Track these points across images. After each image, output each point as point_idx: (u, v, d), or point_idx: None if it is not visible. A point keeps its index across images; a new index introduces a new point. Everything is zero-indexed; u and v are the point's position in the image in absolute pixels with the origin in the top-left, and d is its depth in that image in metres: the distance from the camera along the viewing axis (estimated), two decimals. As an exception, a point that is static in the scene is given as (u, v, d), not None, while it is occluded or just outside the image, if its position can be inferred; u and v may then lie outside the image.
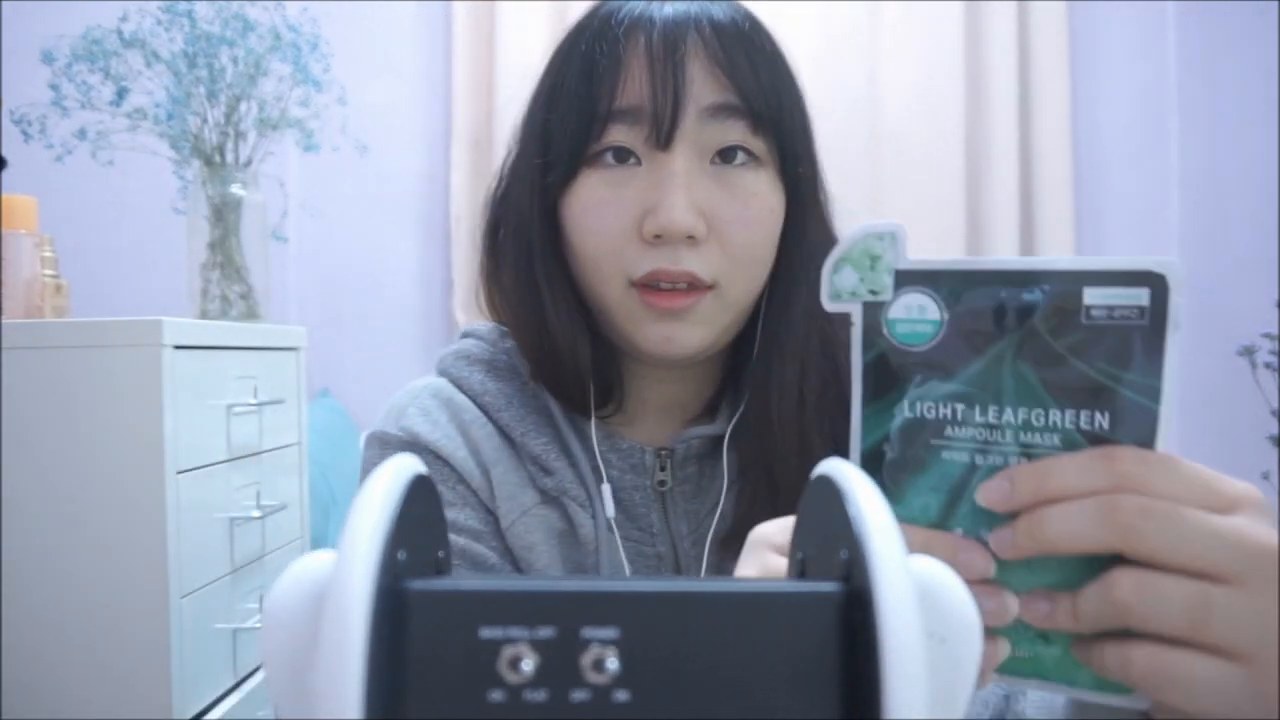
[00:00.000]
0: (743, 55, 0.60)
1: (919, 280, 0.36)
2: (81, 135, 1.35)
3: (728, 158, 0.60)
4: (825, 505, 0.27)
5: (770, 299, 0.65)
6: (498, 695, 0.23)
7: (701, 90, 0.59)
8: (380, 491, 0.25)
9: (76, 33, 1.34)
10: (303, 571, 0.25)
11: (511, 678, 0.23)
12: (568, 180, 0.62)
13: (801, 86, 0.64)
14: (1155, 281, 0.34)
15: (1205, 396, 2.06)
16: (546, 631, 0.23)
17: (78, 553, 1.10)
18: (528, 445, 0.65)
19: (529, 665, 0.23)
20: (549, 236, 0.64)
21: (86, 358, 1.11)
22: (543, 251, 0.64)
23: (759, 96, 0.60)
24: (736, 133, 0.60)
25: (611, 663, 0.23)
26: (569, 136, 0.61)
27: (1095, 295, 0.34)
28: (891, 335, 0.37)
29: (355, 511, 0.24)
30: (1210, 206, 2.24)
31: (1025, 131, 2.25)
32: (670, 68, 0.59)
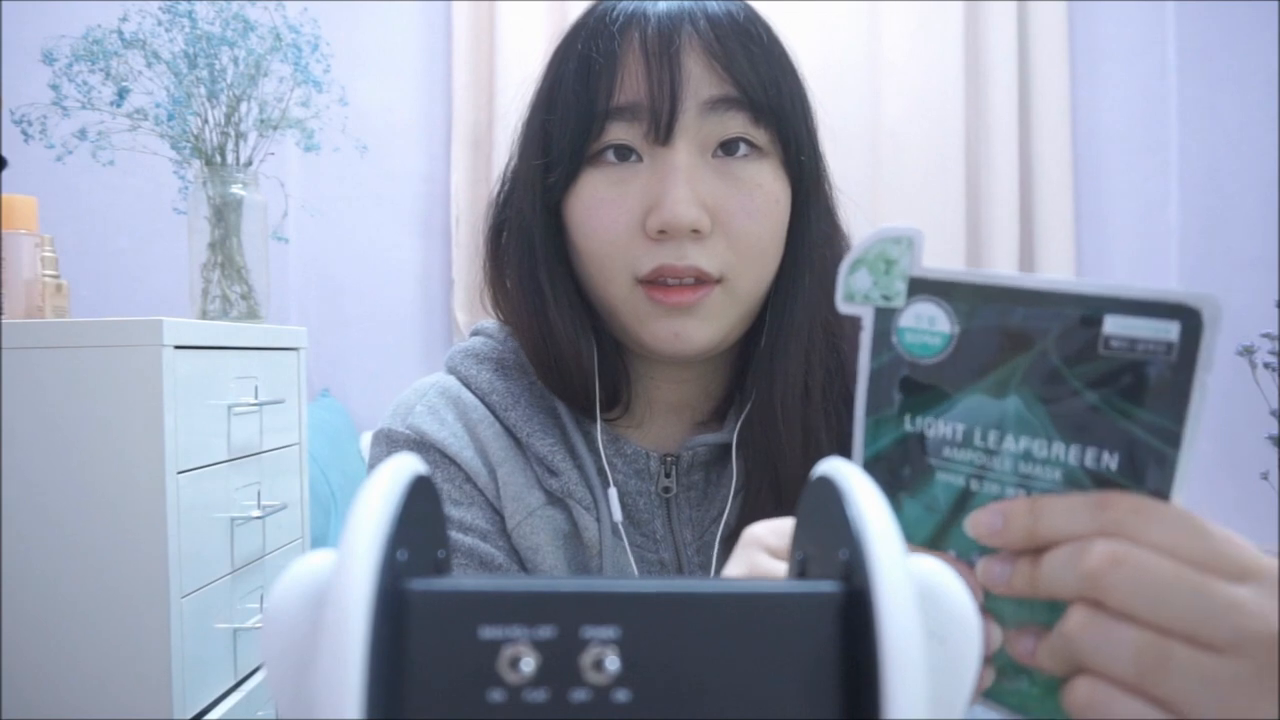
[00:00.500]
0: (739, 47, 0.59)
1: (932, 290, 0.35)
2: (82, 135, 1.35)
3: (730, 150, 0.60)
4: (825, 505, 0.27)
5: (775, 289, 0.64)
6: (498, 695, 0.23)
7: (699, 84, 0.59)
8: (380, 491, 0.25)
9: (77, 33, 1.34)
10: (303, 571, 0.25)
11: (511, 678, 0.23)
12: (569, 180, 0.61)
13: (802, 75, 0.64)
14: (1188, 316, 0.31)
15: (1205, 396, 2.05)
16: (546, 631, 0.23)
17: (78, 553, 1.10)
18: (534, 446, 0.64)
19: (529, 665, 0.23)
20: (552, 238, 0.63)
21: (86, 358, 1.11)
22: (546, 253, 0.63)
23: (758, 87, 0.59)
24: (737, 125, 0.59)
25: (611, 663, 0.23)
26: (569, 136, 0.60)
27: (1117, 324, 0.32)
28: (900, 344, 0.35)
29: (355, 511, 0.24)
30: (1210, 206, 2.24)
31: (1025, 131, 2.25)
32: (666, 62, 0.58)
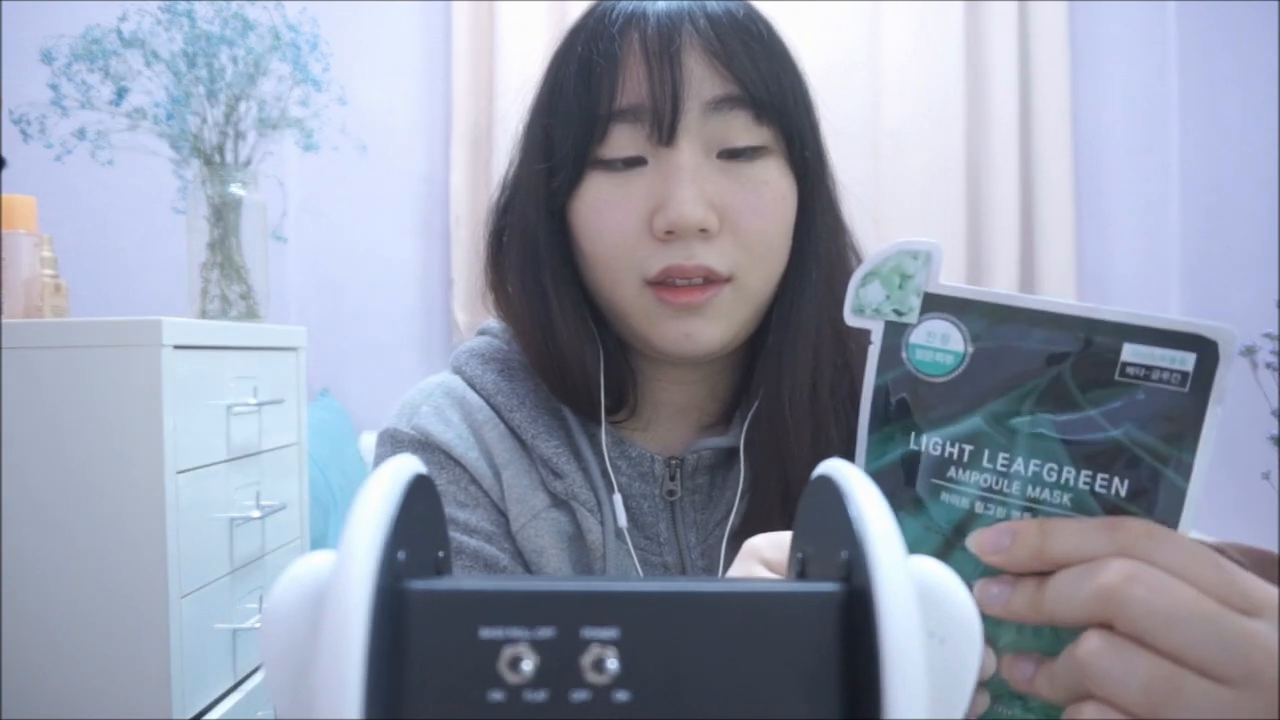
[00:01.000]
0: (740, 45, 0.59)
1: (947, 307, 0.34)
2: (81, 135, 1.35)
3: (735, 155, 0.60)
4: (825, 505, 0.27)
5: (782, 287, 0.64)
6: (498, 695, 0.23)
7: (701, 84, 0.58)
8: (380, 492, 0.25)
9: (76, 32, 1.34)
10: (303, 572, 0.25)
11: (511, 678, 0.23)
12: (573, 184, 0.61)
13: (803, 70, 0.63)
14: (1204, 347, 0.31)
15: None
16: (546, 631, 0.23)
17: (78, 553, 1.10)
18: (539, 448, 0.64)
19: (529, 665, 0.23)
20: (556, 242, 0.63)
21: (86, 358, 1.11)
22: (550, 258, 0.63)
23: (760, 85, 0.59)
24: (740, 123, 0.59)
25: (611, 663, 0.23)
26: (572, 140, 0.60)
27: (1135, 353, 0.32)
28: (910, 360, 0.35)
29: (355, 512, 0.24)
30: (1210, 206, 2.24)
31: (1025, 131, 2.25)
32: (667, 63, 0.58)
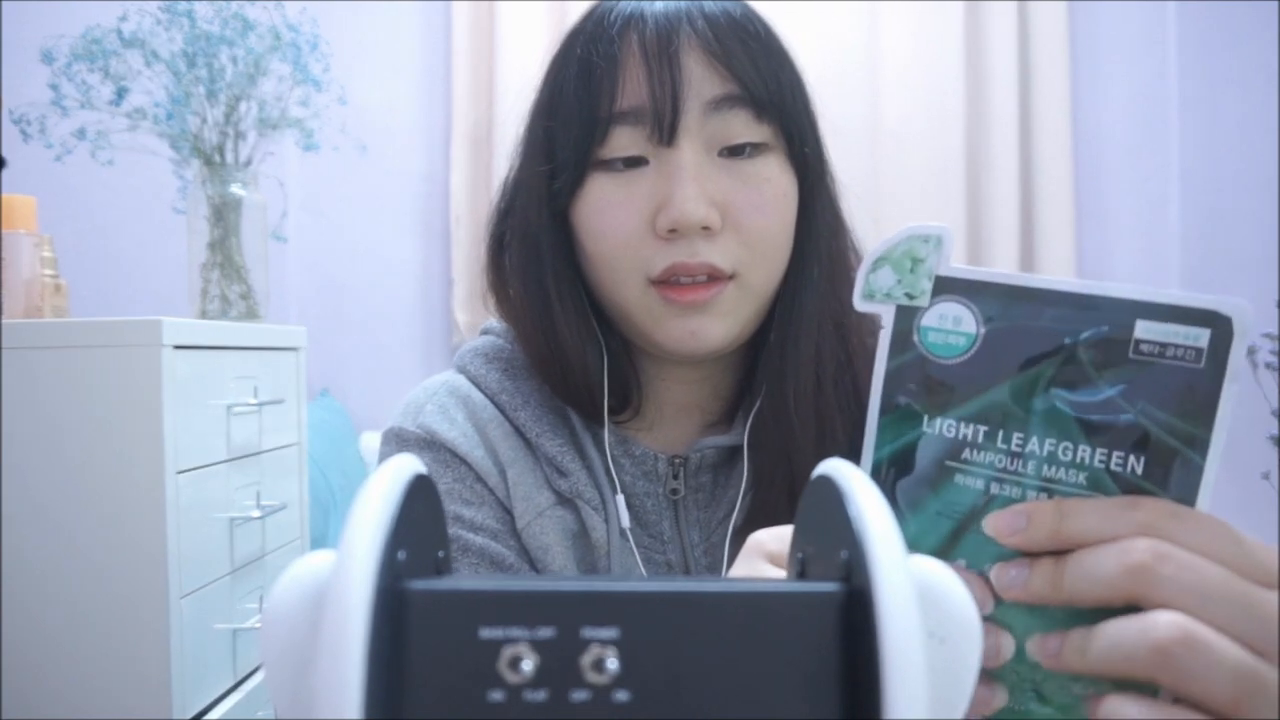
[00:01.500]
0: (738, 44, 0.60)
1: (959, 290, 0.34)
2: (81, 135, 1.35)
3: (736, 153, 0.60)
4: (825, 505, 0.27)
5: (784, 284, 0.64)
6: (498, 695, 0.23)
7: (701, 84, 0.59)
8: (380, 492, 0.25)
9: (76, 32, 1.34)
10: (303, 572, 0.25)
11: (511, 678, 0.23)
12: (575, 186, 0.61)
13: (800, 68, 0.64)
14: (1219, 323, 0.31)
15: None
16: (546, 631, 0.23)
17: (78, 553, 1.10)
18: (543, 446, 0.64)
19: (529, 665, 0.23)
20: (559, 244, 0.63)
21: (86, 358, 1.11)
22: (553, 259, 0.63)
23: (759, 84, 0.59)
24: (740, 122, 0.59)
25: (611, 663, 0.23)
26: (573, 142, 0.60)
27: (1148, 330, 0.32)
28: (922, 344, 0.35)
29: (355, 512, 0.24)
30: (1210, 206, 2.24)
31: (1025, 131, 2.25)
32: (666, 63, 0.58)
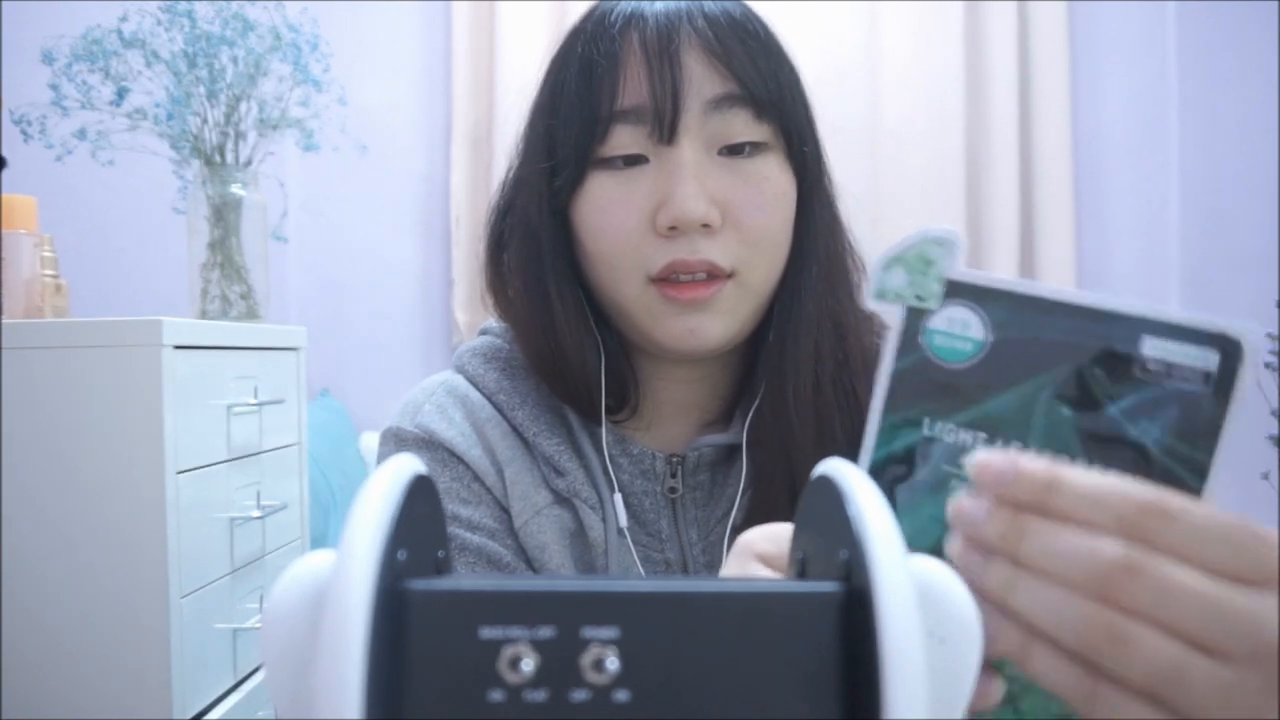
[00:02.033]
0: (738, 44, 0.60)
1: (969, 295, 0.34)
2: (81, 135, 1.34)
3: (735, 152, 0.61)
4: (825, 505, 0.27)
5: (782, 282, 0.64)
6: (498, 695, 0.23)
7: (702, 83, 0.59)
8: (380, 492, 0.25)
9: (76, 33, 1.34)
10: (303, 572, 0.25)
11: (511, 678, 0.23)
12: (576, 184, 0.62)
13: (797, 67, 0.64)
14: (1228, 346, 0.31)
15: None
16: (546, 631, 0.23)
17: (78, 553, 1.10)
18: (540, 446, 0.64)
19: (529, 665, 0.23)
20: (558, 242, 0.63)
21: (86, 358, 1.11)
22: (553, 257, 0.63)
23: (759, 83, 0.60)
24: (740, 121, 0.60)
25: (611, 663, 0.23)
26: (574, 140, 0.61)
27: (1156, 347, 0.32)
28: (929, 346, 0.35)
29: (355, 512, 0.24)
30: (1210, 206, 2.24)
31: (1025, 131, 2.25)
32: (667, 62, 0.59)
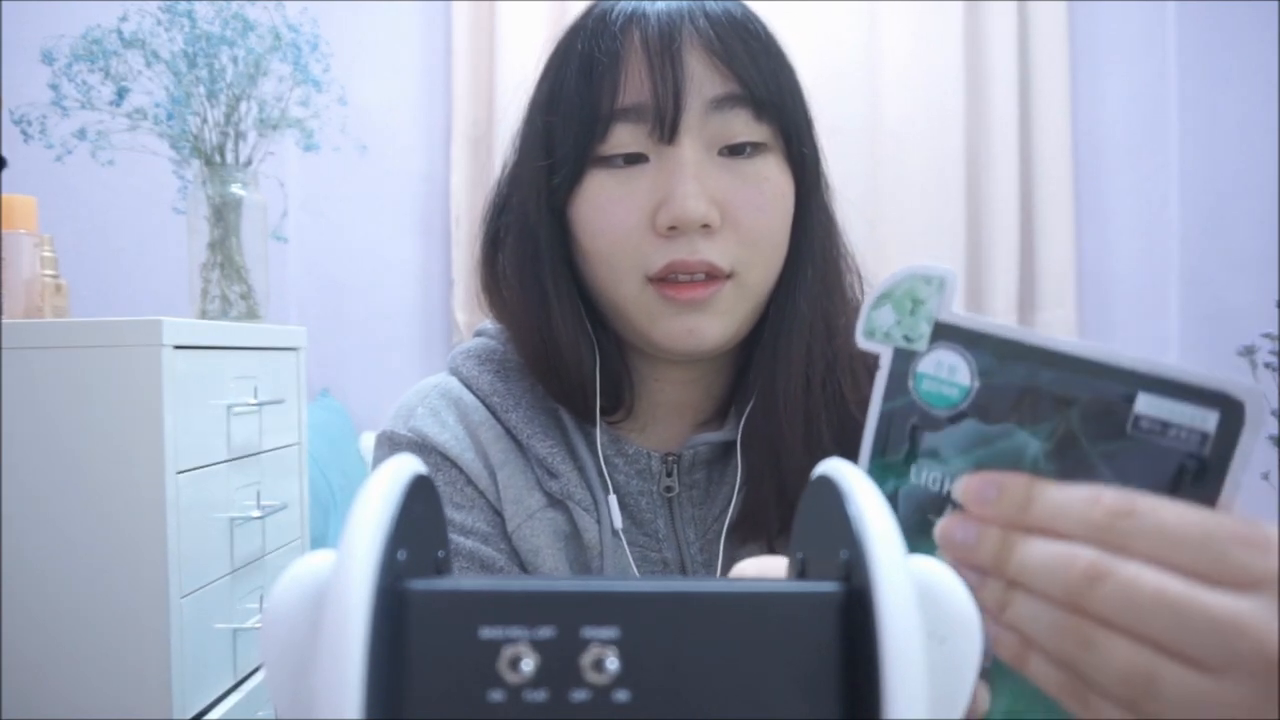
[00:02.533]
0: (739, 44, 0.60)
1: (957, 338, 0.33)
2: (81, 135, 1.34)
3: (736, 152, 0.60)
4: (825, 505, 0.27)
5: (778, 283, 0.64)
6: (498, 695, 0.23)
7: (703, 82, 0.59)
8: (380, 492, 0.25)
9: (76, 33, 1.34)
10: (303, 572, 0.25)
11: (511, 678, 0.23)
12: (574, 182, 0.61)
13: (796, 69, 0.64)
14: (1230, 407, 0.29)
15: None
16: (546, 631, 0.23)
17: (78, 553, 1.10)
18: (534, 448, 0.64)
19: (529, 665, 0.23)
20: (556, 241, 0.63)
21: (86, 358, 1.11)
22: (550, 256, 0.63)
23: (759, 83, 0.60)
24: (741, 121, 0.60)
25: (611, 663, 0.23)
26: (573, 138, 0.60)
27: (1150, 404, 0.30)
28: (915, 390, 0.34)
29: (355, 512, 0.24)
30: (1210, 206, 2.24)
31: (1025, 131, 2.25)
32: (668, 61, 0.59)
